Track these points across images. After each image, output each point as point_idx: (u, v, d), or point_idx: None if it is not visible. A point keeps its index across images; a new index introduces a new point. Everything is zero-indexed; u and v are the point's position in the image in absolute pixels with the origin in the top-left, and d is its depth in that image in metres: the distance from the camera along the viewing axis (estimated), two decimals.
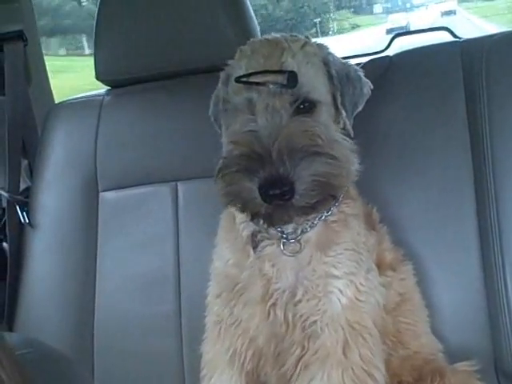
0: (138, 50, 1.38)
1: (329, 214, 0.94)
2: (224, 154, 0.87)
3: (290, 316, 0.94)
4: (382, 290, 0.99)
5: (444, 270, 1.20)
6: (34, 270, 1.36)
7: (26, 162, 1.51)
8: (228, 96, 0.93)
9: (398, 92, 1.29)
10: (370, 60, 1.37)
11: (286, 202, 0.79)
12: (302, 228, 0.93)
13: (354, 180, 0.92)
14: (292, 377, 0.95)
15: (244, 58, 0.91)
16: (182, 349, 1.31)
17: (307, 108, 0.87)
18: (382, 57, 1.41)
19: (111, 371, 1.33)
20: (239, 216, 0.96)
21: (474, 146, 1.21)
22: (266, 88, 0.84)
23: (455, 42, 1.36)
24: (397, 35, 1.57)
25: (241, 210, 0.86)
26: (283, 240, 0.94)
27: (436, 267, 1.20)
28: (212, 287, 1.05)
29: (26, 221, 1.37)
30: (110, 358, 1.33)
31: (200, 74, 1.37)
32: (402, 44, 1.56)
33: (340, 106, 0.92)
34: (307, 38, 0.96)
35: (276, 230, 0.93)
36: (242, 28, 1.36)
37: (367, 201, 1.08)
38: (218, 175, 0.85)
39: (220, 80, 0.99)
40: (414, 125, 1.25)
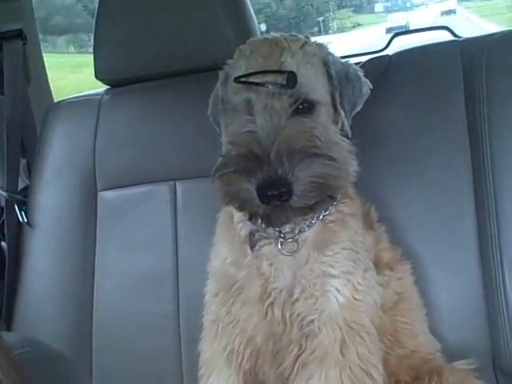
0: (137, 50, 1.38)
1: (327, 213, 0.94)
2: (222, 153, 0.87)
3: (287, 315, 0.94)
4: (380, 289, 0.99)
5: (443, 269, 1.20)
6: (32, 269, 1.36)
7: (24, 161, 1.51)
8: (227, 96, 0.93)
9: (398, 91, 1.29)
10: (370, 59, 1.37)
11: (283, 203, 0.79)
12: (299, 227, 0.93)
13: (353, 181, 0.92)
14: (290, 376, 0.95)
15: (243, 58, 0.91)
16: (181, 348, 1.31)
17: (306, 108, 0.87)
18: (381, 56, 1.40)
19: (110, 370, 1.33)
20: (237, 215, 0.96)
21: (473, 145, 1.21)
22: (264, 88, 0.84)
23: (455, 41, 1.36)
24: (396, 34, 1.57)
25: (239, 210, 0.86)
26: (281, 239, 0.93)
27: (435, 266, 1.20)
28: (210, 286, 1.05)
29: (25, 220, 1.37)
30: (108, 357, 1.33)
31: (200, 72, 1.37)
32: (402, 43, 1.56)
33: (339, 106, 0.91)
34: (307, 37, 0.96)
35: (274, 229, 0.93)
36: (241, 27, 1.36)
37: (365, 200, 1.08)
38: (215, 174, 0.85)
39: (219, 79, 0.98)
40: (414, 124, 1.25)
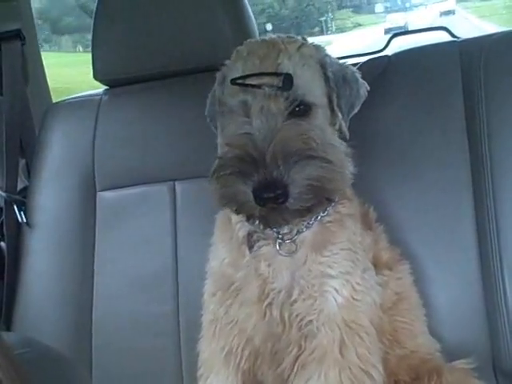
0: (135, 50, 1.38)
1: (325, 214, 0.94)
2: (219, 155, 0.87)
3: (286, 316, 0.94)
4: (379, 289, 0.99)
5: (442, 270, 1.20)
6: (31, 269, 1.36)
7: (23, 162, 1.51)
8: (223, 97, 0.93)
9: (397, 92, 1.29)
10: (369, 60, 1.37)
11: (279, 205, 0.79)
12: (297, 228, 0.93)
13: (350, 183, 0.92)
14: (289, 376, 0.95)
15: (240, 59, 0.91)
16: (180, 347, 1.31)
17: (302, 111, 0.86)
18: (380, 56, 1.40)
19: (109, 370, 1.32)
20: (235, 216, 0.96)
21: (472, 145, 1.21)
22: (261, 90, 0.83)
23: (453, 41, 1.36)
24: (395, 35, 1.57)
25: (236, 212, 0.86)
26: (279, 240, 0.93)
27: (434, 267, 1.20)
28: (208, 286, 1.05)
29: (24, 220, 1.37)
30: (107, 357, 1.33)
31: (198, 73, 1.37)
32: (401, 44, 1.56)
33: (336, 108, 0.91)
34: (304, 39, 0.95)
35: (272, 230, 0.92)
36: (240, 27, 1.36)
37: (364, 201, 1.08)
38: (212, 176, 0.85)
39: (216, 80, 0.98)
40: (412, 125, 1.25)
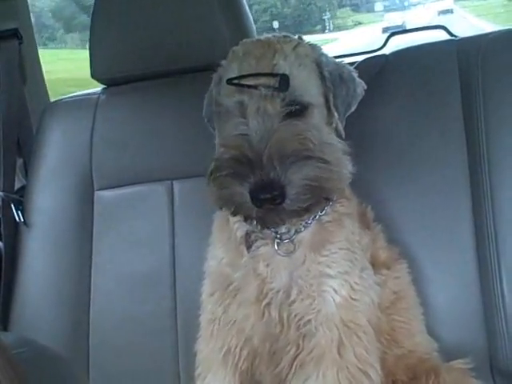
0: (133, 49, 1.38)
1: (323, 213, 0.94)
2: (215, 156, 0.87)
3: (284, 316, 0.94)
4: (377, 289, 0.99)
5: (440, 270, 1.20)
6: (28, 268, 1.36)
7: (21, 161, 1.50)
8: (220, 98, 0.92)
9: (394, 91, 1.29)
10: (366, 58, 1.37)
11: (276, 206, 0.79)
12: (295, 228, 0.93)
13: (348, 182, 0.91)
14: (287, 376, 0.95)
15: (236, 60, 0.90)
16: (178, 347, 1.31)
17: (299, 111, 0.86)
18: (378, 55, 1.40)
19: (106, 369, 1.32)
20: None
21: (469, 145, 1.21)
22: (257, 91, 0.83)
23: (451, 40, 1.36)
24: (393, 34, 1.57)
25: (233, 214, 0.86)
26: (277, 240, 0.93)
27: (432, 267, 1.20)
28: (206, 286, 1.05)
29: (21, 219, 1.36)
30: (105, 357, 1.33)
31: (196, 72, 1.37)
32: (398, 43, 1.56)
33: (332, 107, 0.91)
34: (300, 38, 0.95)
35: (270, 230, 0.92)
36: (238, 26, 1.36)
37: (362, 200, 1.07)
38: (209, 177, 0.84)
39: (213, 81, 0.98)
40: (410, 125, 1.25)
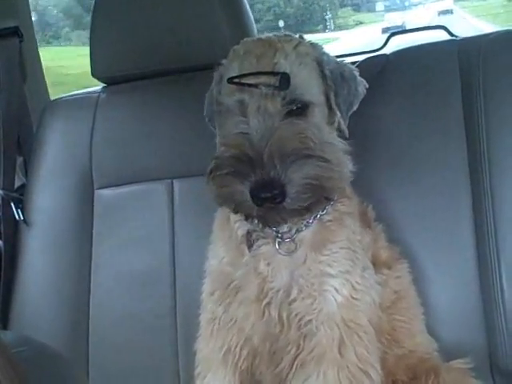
0: (134, 48, 1.38)
1: (324, 212, 0.94)
2: (216, 155, 0.87)
3: (284, 315, 0.93)
4: (378, 289, 0.99)
5: (440, 270, 1.20)
6: (28, 267, 1.36)
7: (21, 159, 1.50)
8: (220, 97, 0.92)
9: (395, 90, 1.29)
10: (367, 58, 1.37)
11: (277, 204, 0.79)
12: (297, 227, 0.93)
13: (349, 181, 0.91)
14: (287, 376, 0.95)
15: (236, 59, 0.90)
16: (177, 346, 1.31)
17: (300, 110, 0.86)
18: (378, 55, 1.40)
19: (106, 368, 1.32)
20: (234, 215, 0.95)
21: (470, 145, 1.21)
22: (258, 90, 0.83)
23: (452, 40, 1.36)
24: (393, 34, 1.57)
25: (234, 212, 0.86)
26: (278, 239, 0.93)
27: (432, 267, 1.20)
28: (206, 285, 1.05)
29: (21, 218, 1.36)
30: (104, 355, 1.33)
31: (196, 71, 1.37)
32: (399, 43, 1.56)
33: (334, 106, 0.91)
34: (301, 37, 0.95)
35: (271, 229, 0.92)
36: (238, 25, 1.36)
37: (362, 199, 1.07)
38: (209, 176, 0.84)
39: (213, 80, 0.98)
40: (411, 125, 1.25)
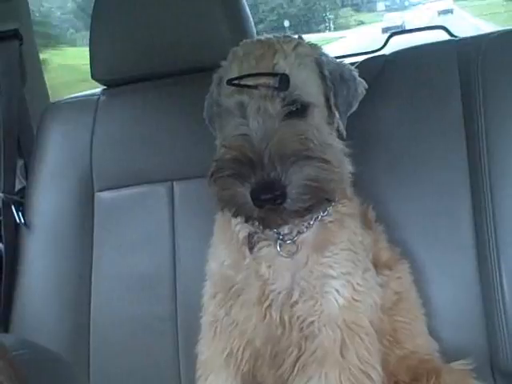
0: (133, 50, 1.38)
1: (325, 214, 0.94)
2: (216, 157, 0.87)
3: (286, 317, 0.93)
4: (379, 290, 0.99)
5: (440, 270, 1.20)
6: (29, 270, 1.36)
7: (21, 162, 1.50)
8: (220, 98, 0.92)
9: (394, 91, 1.28)
10: (366, 59, 1.37)
11: (277, 206, 0.79)
12: (298, 229, 0.93)
13: (348, 182, 0.92)
14: (289, 378, 0.95)
15: (236, 60, 0.91)
16: (178, 348, 1.31)
17: (299, 111, 0.86)
18: (377, 56, 1.40)
19: (107, 371, 1.32)
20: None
21: (469, 145, 1.21)
22: (257, 91, 0.83)
23: (452, 40, 1.36)
24: (393, 34, 1.57)
25: (235, 215, 0.86)
26: (279, 241, 0.93)
27: (432, 267, 1.20)
28: (207, 288, 1.05)
29: (22, 221, 1.36)
30: (105, 358, 1.33)
31: (196, 73, 1.37)
32: (399, 43, 1.56)
33: (333, 106, 0.91)
34: (300, 38, 0.95)
35: (272, 231, 0.92)
36: (237, 27, 1.35)
37: (363, 200, 1.07)
38: (210, 178, 0.84)
39: (213, 82, 0.98)
40: (411, 125, 1.25)
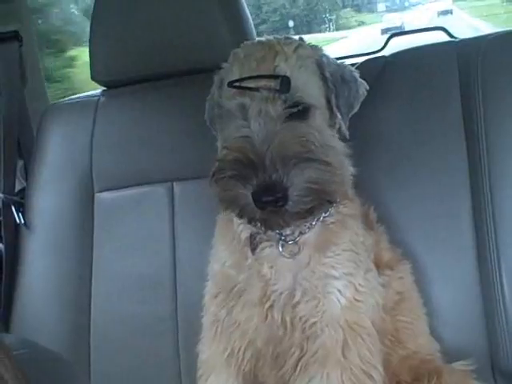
0: (133, 51, 1.38)
1: (327, 215, 0.94)
2: (218, 158, 0.87)
3: (287, 318, 0.93)
4: (381, 291, 0.99)
5: (440, 271, 1.20)
6: (29, 270, 1.36)
7: (21, 163, 1.51)
8: (221, 100, 0.92)
9: (395, 92, 1.29)
10: (366, 60, 1.37)
11: (279, 208, 0.79)
12: (300, 229, 0.93)
13: (350, 184, 0.92)
14: (291, 378, 0.95)
15: (237, 62, 0.91)
16: (178, 349, 1.31)
17: (301, 113, 0.86)
18: (377, 57, 1.41)
19: (107, 371, 1.32)
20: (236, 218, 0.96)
21: (469, 146, 1.21)
22: (258, 93, 0.83)
23: (451, 42, 1.37)
24: (393, 35, 1.57)
25: (238, 216, 0.86)
26: (282, 242, 0.93)
27: (432, 268, 1.20)
28: (209, 288, 1.05)
29: (22, 221, 1.36)
30: (105, 358, 1.33)
31: (195, 74, 1.37)
32: (398, 44, 1.56)
33: (335, 108, 0.91)
34: (301, 39, 0.95)
35: (274, 232, 0.92)
36: (237, 28, 1.36)
37: (364, 201, 1.08)
38: (212, 178, 0.85)
39: (214, 83, 0.98)
40: (411, 126, 1.25)
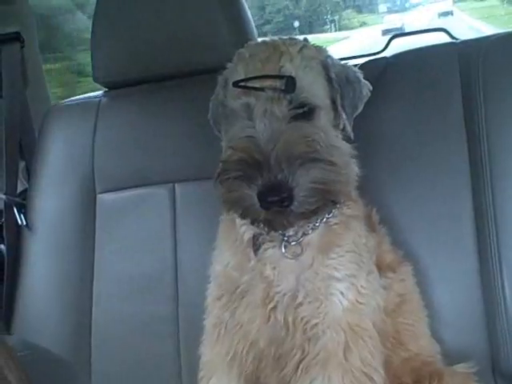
0: (135, 52, 1.38)
1: (330, 216, 0.94)
2: (223, 158, 0.87)
3: (290, 319, 0.93)
4: (383, 293, 0.99)
5: (441, 273, 1.20)
6: (31, 271, 1.36)
7: (23, 164, 1.51)
8: (226, 100, 0.92)
9: (397, 93, 1.29)
10: (368, 61, 1.37)
11: (284, 208, 0.79)
12: (303, 230, 0.93)
13: (354, 185, 0.92)
14: (292, 380, 0.95)
15: (242, 62, 0.91)
16: (180, 350, 1.31)
17: (306, 113, 0.86)
18: (379, 58, 1.41)
19: (108, 372, 1.32)
20: (239, 219, 0.95)
21: (471, 147, 1.21)
22: (264, 93, 0.83)
23: (452, 43, 1.37)
24: (395, 36, 1.57)
25: (242, 217, 0.86)
26: (285, 243, 0.93)
27: (434, 270, 1.20)
28: (212, 290, 1.04)
29: (24, 223, 1.37)
30: (106, 359, 1.33)
31: (197, 75, 1.37)
32: (399, 45, 1.56)
33: (340, 108, 0.91)
34: (306, 40, 0.95)
35: (277, 232, 0.92)
36: (238, 29, 1.36)
37: (366, 202, 1.08)
38: (216, 179, 0.84)
39: (218, 84, 0.98)
40: (412, 127, 1.25)
